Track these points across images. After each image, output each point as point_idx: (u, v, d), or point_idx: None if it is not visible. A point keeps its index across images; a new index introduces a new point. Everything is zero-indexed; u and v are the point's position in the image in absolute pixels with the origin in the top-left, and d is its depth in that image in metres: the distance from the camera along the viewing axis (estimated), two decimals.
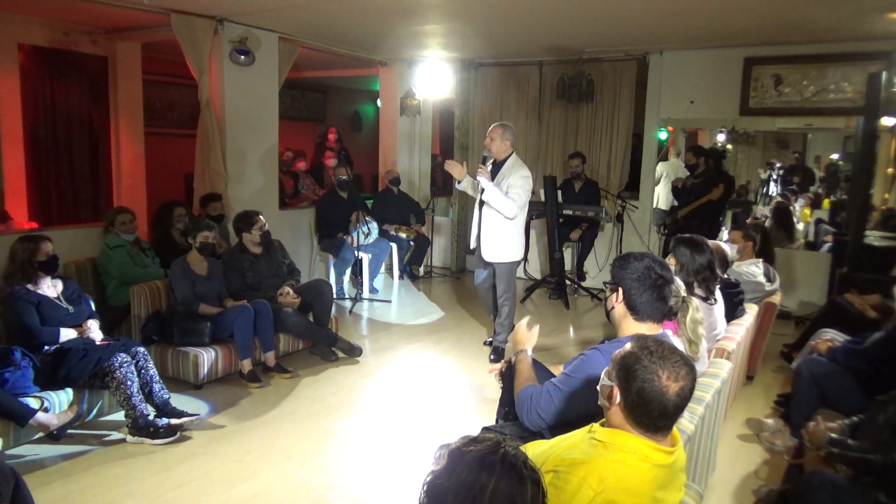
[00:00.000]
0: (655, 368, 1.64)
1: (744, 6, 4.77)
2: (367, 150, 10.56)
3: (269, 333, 4.43)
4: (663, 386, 1.63)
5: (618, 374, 1.70)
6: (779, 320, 5.22)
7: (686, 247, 3.31)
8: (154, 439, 3.43)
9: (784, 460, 3.35)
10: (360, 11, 5.27)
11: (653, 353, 1.67)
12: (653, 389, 1.63)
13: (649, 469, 1.65)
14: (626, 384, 1.67)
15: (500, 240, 4.70)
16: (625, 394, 1.68)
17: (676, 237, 3.45)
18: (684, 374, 1.66)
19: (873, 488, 2.28)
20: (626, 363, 1.69)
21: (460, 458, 1.30)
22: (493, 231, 4.69)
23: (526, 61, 7.59)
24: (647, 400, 1.64)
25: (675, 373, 1.65)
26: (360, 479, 3.17)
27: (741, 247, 4.60)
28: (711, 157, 6.63)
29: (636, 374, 1.65)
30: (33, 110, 6.38)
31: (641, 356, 1.67)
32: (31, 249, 3.57)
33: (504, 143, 4.64)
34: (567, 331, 5.86)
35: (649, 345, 1.70)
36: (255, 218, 4.68)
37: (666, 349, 1.69)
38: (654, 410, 1.64)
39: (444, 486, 1.27)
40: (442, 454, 1.33)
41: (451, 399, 4.24)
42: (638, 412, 1.66)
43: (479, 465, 1.27)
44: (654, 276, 2.19)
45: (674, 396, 1.64)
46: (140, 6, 5.07)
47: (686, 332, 2.63)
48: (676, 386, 1.64)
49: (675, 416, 1.68)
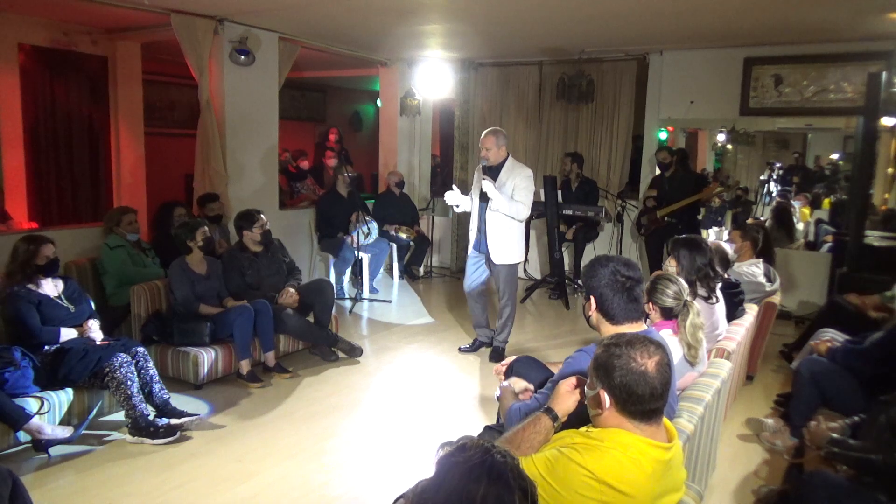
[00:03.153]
0: (627, 352, 1.70)
1: (744, 6, 4.77)
2: (367, 150, 10.56)
3: (269, 333, 4.43)
4: (641, 366, 1.68)
5: (597, 376, 1.74)
6: (779, 320, 5.22)
7: (685, 248, 3.31)
8: (154, 439, 3.43)
9: (784, 460, 3.35)
10: (360, 11, 5.27)
11: (619, 344, 1.74)
12: (633, 372, 1.67)
13: (647, 464, 1.66)
14: (608, 381, 1.71)
15: (507, 242, 4.71)
16: (611, 391, 1.71)
17: (674, 239, 3.44)
18: (653, 349, 1.72)
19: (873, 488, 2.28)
20: (599, 362, 1.74)
21: (449, 468, 1.30)
22: (500, 233, 4.69)
23: (526, 61, 7.59)
24: (632, 386, 1.67)
25: (646, 350, 1.70)
26: (360, 479, 3.17)
27: (739, 246, 4.60)
28: (678, 157, 6.66)
29: (613, 366, 1.70)
30: (33, 110, 6.38)
31: (610, 350, 1.73)
32: (31, 251, 3.57)
33: (499, 149, 4.64)
34: (567, 331, 5.86)
35: (612, 341, 1.77)
36: (256, 216, 4.68)
37: (629, 338, 1.76)
38: (643, 394, 1.67)
39: (433, 496, 1.28)
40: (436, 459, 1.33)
41: (451, 399, 4.24)
42: (629, 402, 1.69)
43: (468, 475, 1.27)
44: (622, 278, 2.22)
45: (655, 373, 1.68)
46: (140, 6, 5.07)
47: (686, 336, 2.64)
48: (653, 362, 1.69)
49: (663, 395, 1.71)
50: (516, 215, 4.62)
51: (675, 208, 6.49)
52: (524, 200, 4.61)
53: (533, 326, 6.04)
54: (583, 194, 6.93)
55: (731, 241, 4.72)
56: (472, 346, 5.14)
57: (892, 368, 3.12)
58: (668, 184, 6.61)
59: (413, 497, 1.31)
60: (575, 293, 7.05)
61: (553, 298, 6.86)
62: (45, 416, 3.29)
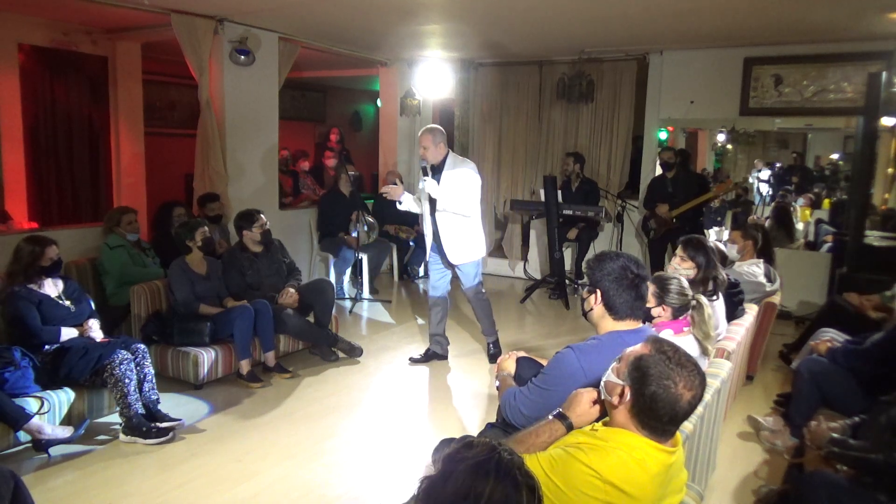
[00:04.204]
0: (672, 375, 1.63)
1: (744, 6, 4.77)
2: (367, 150, 10.56)
3: (269, 333, 4.43)
4: (678, 394, 1.62)
5: (631, 374, 1.69)
6: (779, 320, 5.22)
7: (699, 247, 3.35)
8: (147, 439, 3.42)
9: (784, 460, 3.35)
10: (360, 11, 5.27)
11: (670, 359, 1.65)
12: (667, 396, 1.62)
13: (652, 465, 1.65)
14: (639, 386, 1.65)
15: (461, 240, 4.55)
16: (636, 396, 1.66)
17: (686, 239, 3.45)
18: (698, 383, 1.65)
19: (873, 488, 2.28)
20: (642, 365, 1.67)
21: (455, 465, 1.29)
22: (452, 233, 4.55)
23: (526, 61, 7.58)
24: (659, 405, 1.63)
25: (691, 382, 1.64)
26: (360, 479, 3.17)
27: (741, 246, 4.60)
28: (681, 157, 6.66)
29: (651, 378, 1.64)
30: (33, 110, 6.38)
31: (659, 361, 1.65)
32: (36, 253, 3.57)
33: (437, 147, 4.46)
34: (567, 331, 5.86)
35: (666, 350, 1.68)
36: (256, 216, 4.68)
37: (682, 356, 1.68)
38: (664, 416, 1.64)
39: (440, 493, 1.27)
40: (438, 458, 1.33)
41: (451, 399, 4.24)
42: (647, 415, 1.66)
43: (475, 472, 1.27)
44: (631, 275, 2.20)
45: (686, 405, 1.64)
46: (140, 6, 5.07)
47: (700, 329, 2.66)
48: (690, 394, 1.63)
49: (682, 421, 1.69)
50: (461, 211, 4.44)
51: (689, 207, 6.44)
52: (466, 195, 4.42)
53: (533, 326, 6.04)
54: (583, 194, 6.94)
55: (732, 241, 4.71)
56: (423, 355, 4.90)
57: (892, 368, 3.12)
58: (671, 185, 6.60)
59: (420, 495, 1.31)
60: (575, 293, 7.05)
61: (553, 298, 6.86)
62: (45, 416, 3.29)
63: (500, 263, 8.19)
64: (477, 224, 4.63)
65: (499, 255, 8.26)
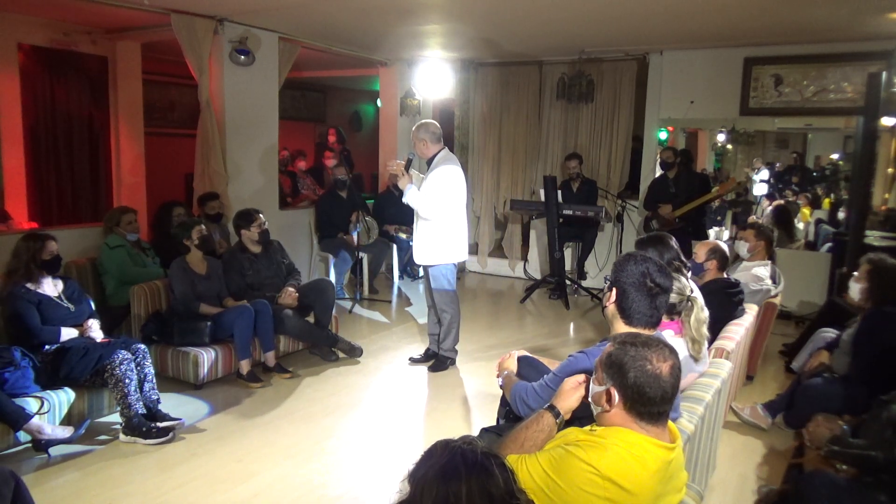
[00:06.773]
0: (644, 354, 1.69)
1: (744, 6, 4.77)
2: (367, 150, 10.56)
3: (269, 333, 4.43)
4: (657, 368, 1.67)
5: (608, 373, 1.73)
6: (779, 320, 5.22)
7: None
8: (146, 439, 3.42)
9: (784, 460, 3.35)
10: (360, 11, 5.27)
11: (633, 344, 1.72)
12: (648, 375, 1.67)
13: (651, 462, 1.66)
14: (621, 379, 1.70)
15: (428, 240, 4.47)
16: (622, 389, 1.70)
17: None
18: (668, 353, 1.71)
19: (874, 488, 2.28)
20: (614, 360, 1.72)
21: (423, 479, 1.29)
22: (421, 232, 4.52)
23: (526, 61, 7.59)
24: (645, 387, 1.67)
25: (661, 354, 1.70)
26: (360, 479, 3.17)
27: (753, 245, 4.57)
28: (683, 158, 6.65)
29: (627, 365, 1.68)
30: (33, 110, 6.38)
31: (626, 349, 1.71)
32: (36, 248, 3.57)
33: (422, 143, 4.42)
34: (567, 331, 5.86)
35: (626, 339, 1.75)
36: (254, 216, 4.68)
37: (643, 338, 1.75)
38: (654, 396, 1.67)
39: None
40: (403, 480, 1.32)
41: (451, 399, 4.24)
42: (639, 403, 1.68)
43: (444, 477, 1.26)
44: (651, 284, 2.14)
45: (668, 377, 1.68)
46: (140, 6, 5.07)
47: (690, 331, 2.64)
48: (667, 365, 1.69)
49: (673, 398, 1.71)
50: (420, 211, 4.38)
51: (692, 207, 6.44)
52: (428, 196, 4.32)
53: (533, 326, 6.04)
54: (583, 195, 6.93)
55: (742, 239, 4.68)
56: (423, 355, 4.87)
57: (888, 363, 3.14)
58: (673, 185, 6.59)
59: None
60: (575, 293, 7.06)
61: (553, 298, 6.86)
62: (45, 416, 3.28)
63: (500, 263, 8.19)
64: (452, 226, 4.48)
65: (499, 255, 8.26)
